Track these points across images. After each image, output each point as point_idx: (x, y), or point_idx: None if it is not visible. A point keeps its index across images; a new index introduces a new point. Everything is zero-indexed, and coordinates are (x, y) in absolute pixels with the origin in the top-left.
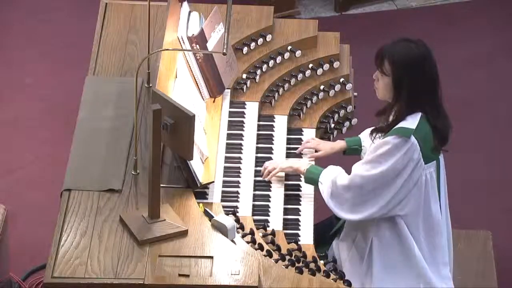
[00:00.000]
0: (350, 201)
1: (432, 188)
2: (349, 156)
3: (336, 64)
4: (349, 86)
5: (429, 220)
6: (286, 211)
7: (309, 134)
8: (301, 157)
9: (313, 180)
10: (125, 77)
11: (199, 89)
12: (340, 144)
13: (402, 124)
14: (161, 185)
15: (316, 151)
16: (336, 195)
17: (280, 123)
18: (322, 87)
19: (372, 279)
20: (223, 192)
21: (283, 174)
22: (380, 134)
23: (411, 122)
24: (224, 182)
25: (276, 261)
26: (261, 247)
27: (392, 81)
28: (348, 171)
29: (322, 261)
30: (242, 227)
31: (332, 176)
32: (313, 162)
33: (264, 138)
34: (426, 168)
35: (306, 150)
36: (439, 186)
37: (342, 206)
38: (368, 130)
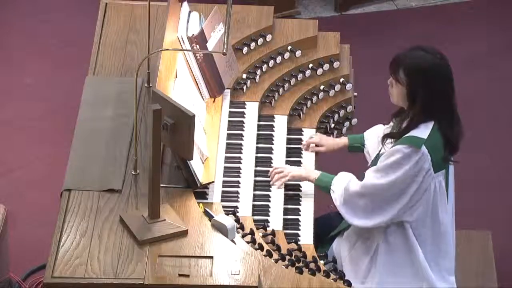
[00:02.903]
0: (362, 207)
1: (440, 196)
2: (352, 158)
3: (336, 64)
4: (349, 86)
5: (436, 227)
6: (286, 211)
7: (309, 134)
8: (301, 156)
9: (324, 188)
10: (125, 77)
11: (199, 89)
12: (342, 141)
13: (413, 133)
14: (161, 185)
15: (319, 146)
16: (348, 202)
17: (280, 123)
18: (322, 87)
19: (374, 279)
20: (223, 192)
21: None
22: (391, 140)
23: (423, 131)
24: (224, 182)
25: (276, 261)
26: (261, 247)
27: (407, 91)
28: (353, 172)
29: (322, 261)
30: (242, 227)
31: (344, 183)
32: (312, 156)
33: (264, 138)
34: (436, 176)
35: (308, 144)
36: (447, 194)
37: (354, 213)
38: (373, 129)
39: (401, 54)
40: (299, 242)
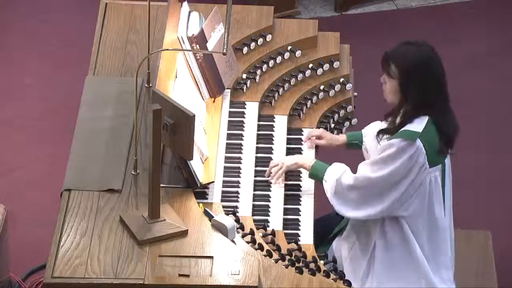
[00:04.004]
0: (354, 200)
1: (436, 192)
2: (350, 153)
3: (336, 64)
4: (349, 86)
5: (433, 223)
6: (286, 211)
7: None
8: (301, 152)
9: (317, 177)
10: (125, 77)
11: (199, 89)
12: (341, 138)
13: (408, 127)
14: (161, 185)
15: (319, 138)
16: (340, 193)
17: (280, 123)
18: (322, 87)
19: (373, 279)
20: (223, 192)
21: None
22: (386, 136)
23: (418, 125)
24: (224, 182)
25: (276, 261)
26: (261, 247)
27: (398, 84)
28: (350, 166)
29: (322, 261)
30: (242, 227)
31: (337, 175)
32: (312, 153)
33: (264, 138)
34: (431, 171)
35: (310, 136)
36: (444, 190)
37: (346, 205)
38: (371, 125)
39: (392, 49)
40: (299, 242)
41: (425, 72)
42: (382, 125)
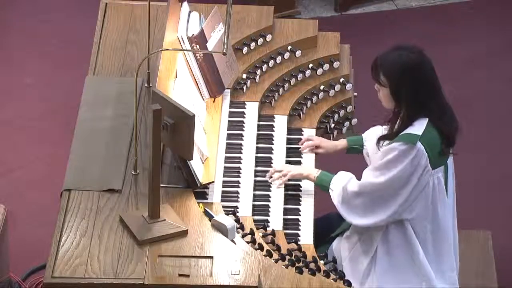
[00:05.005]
0: (360, 207)
1: (440, 193)
2: (352, 157)
3: (336, 64)
4: (349, 86)
5: (436, 224)
6: (286, 211)
7: (309, 134)
8: (302, 156)
9: (324, 187)
10: (125, 77)
11: (199, 89)
12: (342, 143)
13: (408, 130)
14: (161, 185)
15: (317, 148)
16: (346, 201)
17: (280, 123)
18: (322, 87)
19: (374, 279)
20: (223, 192)
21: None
22: (387, 142)
23: (418, 128)
24: (224, 182)
25: (276, 261)
26: (261, 247)
27: (390, 92)
28: (352, 172)
29: (322, 261)
30: (242, 227)
31: (343, 183)
32: (312, 155)
33: (264, 138)
34: (434, 173)
35: (307, 147)
36: (447, 191)
37: (353, 212)
38: (372, 130)
39: (379, 57)
40: (299, 242)
41: (413, 78)
42: (383, 130)
